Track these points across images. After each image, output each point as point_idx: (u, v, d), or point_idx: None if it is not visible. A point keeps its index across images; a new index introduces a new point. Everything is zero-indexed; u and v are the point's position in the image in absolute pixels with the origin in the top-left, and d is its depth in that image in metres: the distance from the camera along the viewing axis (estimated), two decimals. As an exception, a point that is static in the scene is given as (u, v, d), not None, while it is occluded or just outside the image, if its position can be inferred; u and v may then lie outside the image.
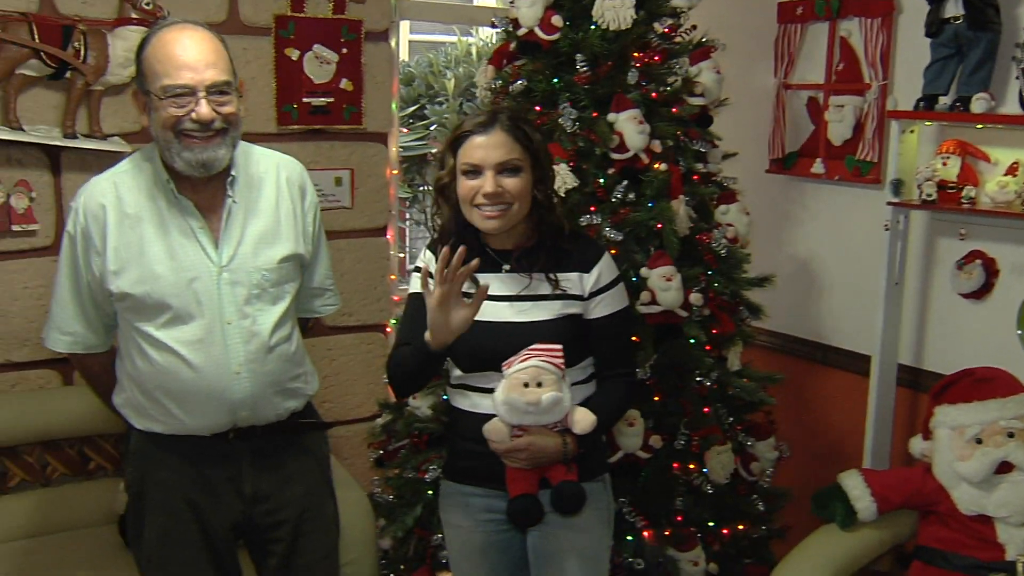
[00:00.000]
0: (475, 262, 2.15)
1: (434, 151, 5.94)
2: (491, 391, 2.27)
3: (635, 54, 2.91)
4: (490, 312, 2.29)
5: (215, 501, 2.32)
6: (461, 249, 2.11)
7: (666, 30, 3.02)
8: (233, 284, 2.26)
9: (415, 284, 2.42)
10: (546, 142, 2.35)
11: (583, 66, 2.88)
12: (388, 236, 3.80)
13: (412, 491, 3.15)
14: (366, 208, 3.71)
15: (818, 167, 3.50)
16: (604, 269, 2.34)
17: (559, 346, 2.23)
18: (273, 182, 2.38)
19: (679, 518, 2.93)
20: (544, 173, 2.32)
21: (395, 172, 3.79)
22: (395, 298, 3.84)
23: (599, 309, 2.34)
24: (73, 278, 2.31)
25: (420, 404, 3.16)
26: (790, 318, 3.65)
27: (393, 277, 3.83)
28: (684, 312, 2.84)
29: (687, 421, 2.91)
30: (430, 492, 3.06)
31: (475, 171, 2.25)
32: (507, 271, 2.34)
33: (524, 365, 2.21)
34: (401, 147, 4.11)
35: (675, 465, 2.93)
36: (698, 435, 2.91)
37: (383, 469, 3.32)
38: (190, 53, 2.17)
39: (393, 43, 3.71)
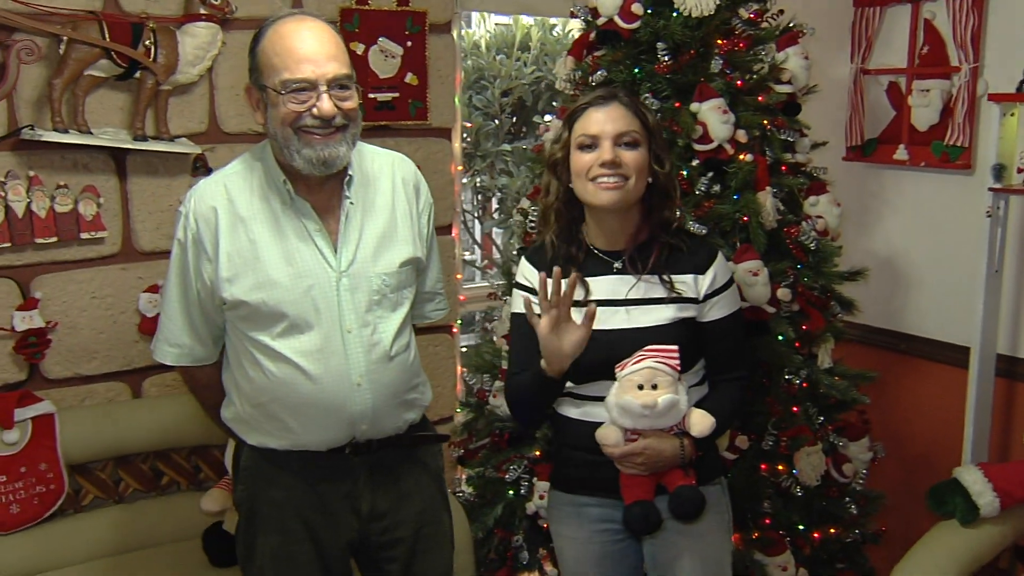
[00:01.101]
0: (574, 276, 2.10)
1: None
2: (603, 399, 2.19)
3: (719, 41, 2.81)
4: (601, 319, 2.20)
5: (330, 519, 2.22)
6: (558, 272, 2.07)
7: (752, 16, 2.92)
8: (353, 290, 2.16)
9: (517, 303, 2.34)
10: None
11: (664, 55, 2.80)
12: (453, 234, 3.69)
13: (493, 491, 3.09)
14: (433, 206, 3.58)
15: (901, 153, 3.42)
16: (719, 270, 2.27)
17: (675, 347, 2.15)
18: (388, 182, 2.28)
19: (767, 521, 2.84)
20: (661, 154, 2.23)
21: (459, 168, 3.68)
22: (461, 297, 3.74)
23: (714, 312, 2.26)
24: (182, 287, 2.20)
25: (501, 403, 3.08)
26: (880, 311, 3.55)
27: (459, 276, 3.73)
28: (772, 308, 2.75)
29: (775, 421, 2.82)
30: (511, 492, 3.01)
31: (592, 143, 2.18)
32: (618, 270, 2.25)
33: (639, 367, 2.13)
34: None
35: (763, 466, 2.84)
36: (787, 435, 2.82)
37: (464, 467, 3.27)
38: (310, 46, 2.06)
39: (455, 35, 3.59)
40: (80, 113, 2.83)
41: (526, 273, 2.35)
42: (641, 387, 2.12)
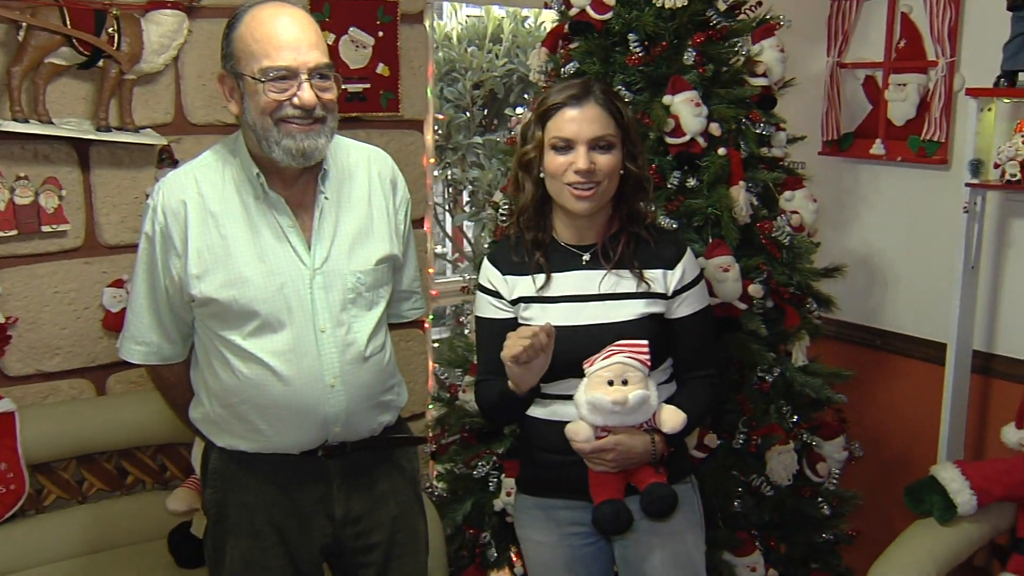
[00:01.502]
0: (549, 327, 2.07)
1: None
2: (571, 398, 2.14)
3: (695, 33, 2.77)
4: (568, 315, 2.18)
5: (303, 524, 2.16)
6: (548, 327, 2.06)
7: (728, 7, 2.89)
8: (327, 288, 2.10)
9: (482, 306, 2.30)
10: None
11: (636, 46, 2.76)
12: (426, 228, 3.63)
13: (462, 487, 3.05)
14: (404, 199, 3.53)
15: (878, 148, 3.40)
16: (688, 266, 2.22)
17: (645, 342, 2.10)
18: (365, 176, 2.22)
19: (735, 520, 2.81)
20: (635, 150, 2.19)
21: (432, 161, 3.62)
22: (433, 292, 3.68)
23: (683, 308, 2.22)
24: (150, 283, 2.12)
25: (471, 398, 3.02)
26: (856, 307, 3.53)
27: (431, 271, 3.67)
28: (743, 305, 2.71)
29: (746, 419, 2.79)
30: (482, 489, 2.97)
31: (566, 146, 2.13)
32: (586, 263, 2.21)
33: (609, 362, 2.09)
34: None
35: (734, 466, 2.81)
36: (758, 434, 2.78)
37: (436, 464, 3.24)
38: (292, 32, 1.99)
39: (428, 25, 3.52)
40: (41, 102, 2.74)
41: (489, 276, 2.29)
42: (611, 383, 2.07)
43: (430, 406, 3.50)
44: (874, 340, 3.51)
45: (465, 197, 5.48)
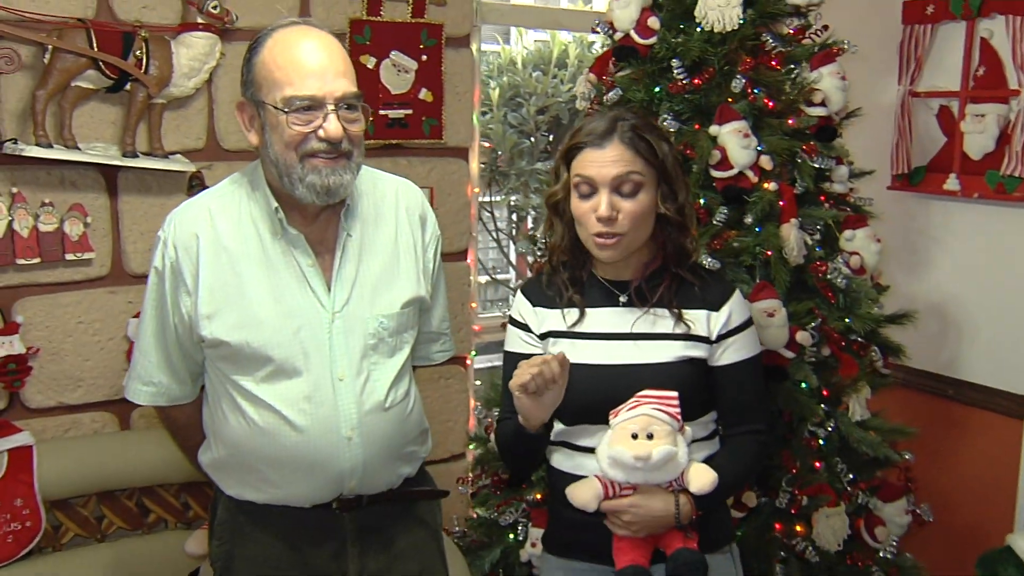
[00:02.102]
0: (562, 356, 1.92)
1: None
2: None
3: (746, 59, 2.59)
4: (600, 353, 2.01)
5: None
6: (561, 356, 1.92)
7: (793, 31, 2.70)
8: (347, 333, 1.96)
9: (511, 339, 2.15)
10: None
11: (680, 73, 2.59)
12: (469, 260, 3.48)
13: (491, 533, 2.91)
14: (446, 230, 3.35)
15: (952, 183, 3.17)
16: (735, 309, 2.04)
17: (674, 393, 1.91)
18: (392, 212, 2.08)
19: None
20: (672, 188, 2.00)
21: (476, 191, 3.47)
22: (476, 328, 3.53)
23: (728, 355, 2.03)
24: (159, 320, 2.01)
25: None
26: (926, 353, 3.28)
27: (474, 305, 3.51)
28: (790, 353, 2.51)
29: (791, 477, 2.57)
30: (511, 536, 2.85)
31: (590, 190, 1.97)
32: (623, 304, 2.04)
33: (633, 413, 1.90)
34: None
35: (777, 526, 2.58)
36: (804, 493, 2.56)
37: (475, 508, 3.10)
38: (318, 59, 1.86)
39: (474, 49, 3.38)
40: (67, 127, 2.65)
41: (520, 308, 2.15)
42: (635, 436, 1.88)
43: (471, 446, 3.35)
44: (946, 390, 3.26)
45: (529, 223, 5.43)
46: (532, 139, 5.08)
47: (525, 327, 2.13)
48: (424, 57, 3.22)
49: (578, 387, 1.98)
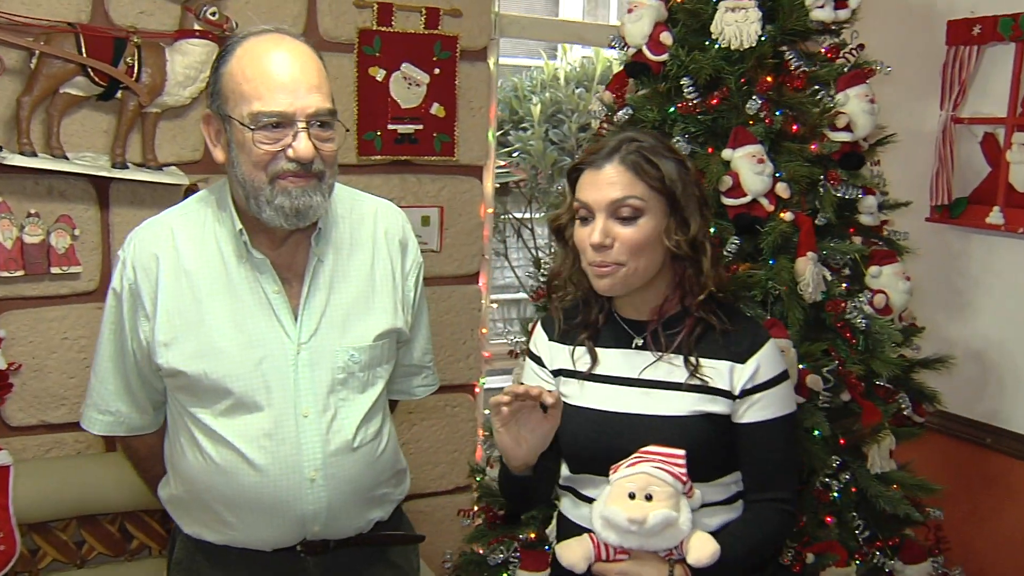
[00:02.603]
0: (537, 390, 1.74)
1: (516, 179, 5.61)
2: None
3: (767, 78, 2.41)
4: (606, 398, 1.84)
5: None
6: (555, 395, 1.77)
7: (824, 50, 2.51)
8: (313, 366, 1.82)
9: (526, 373, 2.01)
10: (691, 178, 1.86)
11: (691, 92, 2.44)
12: (480, 284, 3.33)
13: (479, 571, 2.74)
14: (456, 252, 3.25)
15: (996, 217, 2.95)
16: (765, 361, 1.82)
17: (681, 452, 1.72)
18: (369, 235, 1.93)
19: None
20: (683, 217, 1.80)
21: (490, 211, 3.32)
22: (486, 354, 3.37)
23: (753, 413, 1.82)
24: (117, 345, 1.88)
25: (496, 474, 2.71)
26: (963, 398, 3.04)
27: (485, 331, 3.36)
28: (800, 397, 2.28)
29: (797, 531, 2.33)
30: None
31: (588, 215, 1.80)
32: (638, 347, 1.86)
33: (633, 471, 1.72)
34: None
35: None
36: (809, 551, 2.33)
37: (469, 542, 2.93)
38: (289, 71, 1.72)
39: (492, 63, 3.24)
40: (55, 135, 2.56)
41: (536, 339, 2.00)
42: (632, 496, 1.70)
43: (478, 478, 3.19)
44: (984, 438, 3.02)
45: None
46: (573, 156, 4.95)
47: (539, 361, 1.98)
48: (437, 70, 3.09)
49: (581, 433, 1.83)
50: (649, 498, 1.69)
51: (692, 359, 1.81)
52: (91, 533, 2.76)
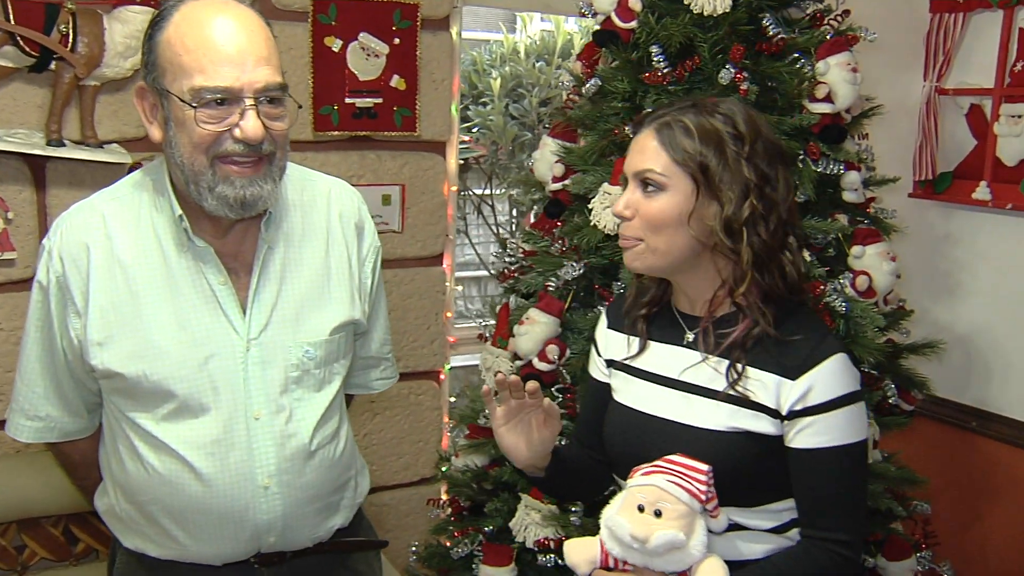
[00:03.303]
0: (533, 385, 1.63)
1: (476, 155, 5.49)
2: None
3: (738, 46, 2.28)
4: (646, 397, 1.70)
5: None
6: (530, 385, 1.63)
7: (807, 17, 2.39)
8: (264, 364, 1.67)
9: (590, 361, 1.87)
10: (742, 155, 1.61)
11: (660, 61, 2.31)
12: (445, 265, 3.17)
13: (442, 565, 2.66)
14: (419, 232, 3.09)
15: (982, 192, 2.88)
16: (821, 380, 1.58)
17: (705, 467, 1.55)
18: (323, 220, 1.78)
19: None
20: (717, 199, 1.59)
21: (454, 189, 3.16)
22: (451, 339, 3.23)
23: (803, 438, 1.58)
24: (44, 344, 1.71)
25: (464, 461, 2.67)
26: (948, 381, 2.95)
27: (450, 314, 3.21)
28: None
29: None
30: (465, 571, 2.59)
31: (626, 180, 1.66)
32: (687, 343, 1.68)
33: (645, 480, 1.55)
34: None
35: None
36: None
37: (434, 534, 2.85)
38: (234, 42, 1.55)
39: (455, 33, 3.07)
40: (-17, 110, 2.36)
41: (599, 327, 1.86)
42: (641, 509, 1.54)
43: (444, 469, 3.06)
44: (969, 421, 2.93)
45: (530, 218, 5.13)
46: (534, 131, 4.83)
47: (596, 348, 1.86)
48: (397, 40, 2.91)
49: (616, 432, 1.73)
50: (658, 514, 1.53)
51: (737, 367, 1.61)
52: (33, 537, 2.59)
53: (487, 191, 5.51)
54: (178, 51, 1.55)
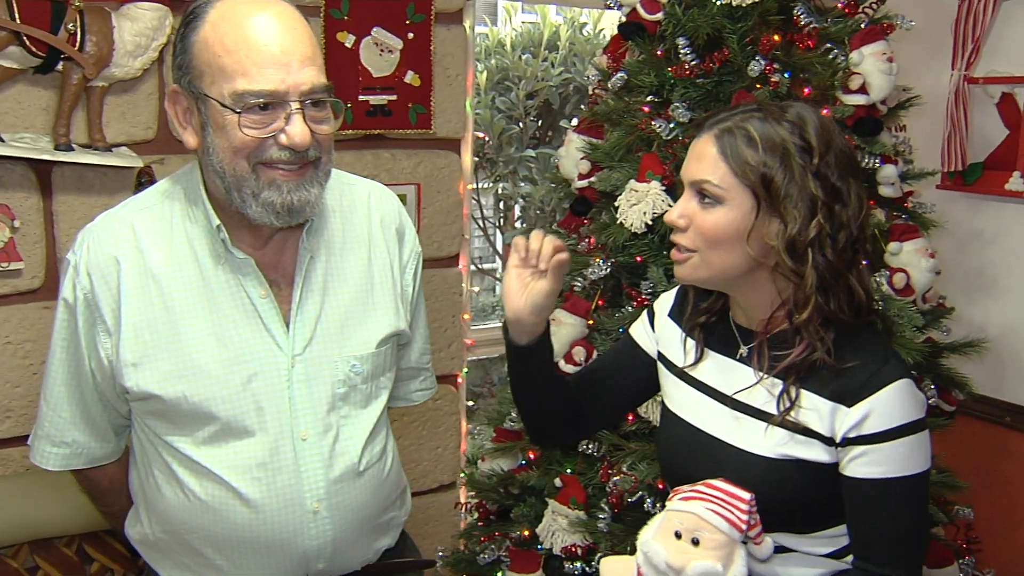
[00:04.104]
0: (564, 256, 1.59)
1: None
2: None
3: (774, 37, 2.22)
4: (696, 409, 1.62)
5: None
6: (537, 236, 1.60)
7: (841, 5, 2.32)
8: (309, 382, 1.59)
9: (637, 322, 1.79)
10: (809, 167, 1.50)
11: (687, 53, 2.25)
12: (461, 266, 3.09)
13: (465, 569, 2.62)
14: (435, 232, 3.00)
15: (1016, 183, 2.82)
16: (880, 408, 1.47)
17: (747, 496, 1.46)
18: (364, 226, 1.70)
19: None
20: (780, 215, 1.49)
21: (470, 187, 3.07)
22: (468, 342, 3.14)
23: (857, 467, 1.48)
24: (71, 366, 1.62)
25: (490, 465, 2.61)
26: (984, 376, 2.86)
27: (467, 316, 3.12)
28: None
29: None
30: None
31: (682, 187, 1.57)
32: (741, 358, 1.59)
33: (684, 506, 1.48)
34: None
35: None
36: None
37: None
38: (278, 41, 1.46)
39: (468, 27, 2.98)
40: (-13, 114, 2.25)
41: (662, 304, 1.77)
42: (679, 536, 1.47)
43: (462, 474, 2.99)
44: (1003, 417, 2.87)
45: (516, 212, 5.28)
46: (521, 125, 4.89)
47: (652, 322, 1.76)
48: (411, 35, 2.83)
49: (668, 443, 1.65)
50: (696, 543, 1.45)
51: (791, 392, 1.51)
52: (45, 558, 2.47)
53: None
54: (217, 52, 1.46)
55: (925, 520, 1.59)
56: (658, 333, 1.75)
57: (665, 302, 1.76)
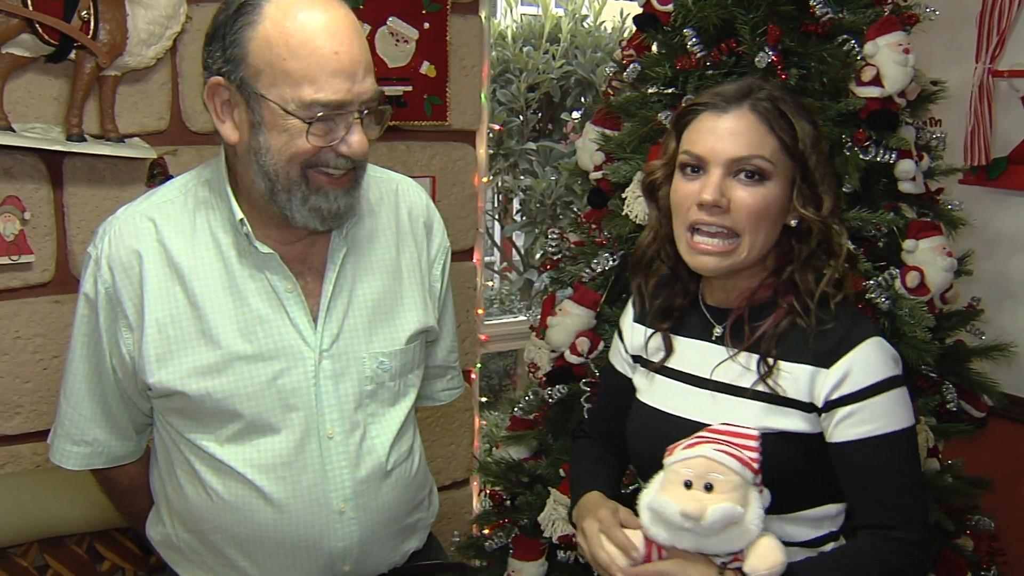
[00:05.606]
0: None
1: None
2: None
3: (775, 28, 2.18)
4: (670, 397, 1.59)
5: None
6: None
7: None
8: (337, 378, 1.55)
9: (613, 348, 1.77)
10: (819, 143, 1.54)
11: (695, 45, 2.20)
12: (475, 260, 3.04)
13: (474, 556, 2.59)
14: (450, 226, 2.84)
15: (1043, 178, 2.76)
16: (859, 364, 1.48)
17: (755, 432, 1.44)
18: (391, 220, 1.66)
19: None
20: (815, 192, 1.50)
21: (485, 180, 3.03)
22: (482, 337, 3.10)
23: (843, 430, 1.48)
24: (92, 362, 1.58)
25: (502, 453, 2.57)
26: (1010, 380, 2.81)
27: (481, 312, 3.09)
28: None
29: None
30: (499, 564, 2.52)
31: (698, 166, 1.50)
32: (716, 338, 1.58)
33: (689, 454, 1.43)
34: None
35: None
36: None
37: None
38: (347, 49, 1.43)
39: (484, 16, 2.95)
40: (-1, 103, 2.20)
41: (624, 315, 1.76)
42: (689, 485, 1.41)
43: (475, 472, 2.96)
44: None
45: (516, 206, 5.24)
46: (522, 117, 4.85)
47: (621, 337, 1.75)
48: (426, 25, 2.79)
49: (640, 434, 1.62)
50: (709, 488, 1.40)
51: (768, 360, 1.51)
52: (55, 557, 2.45)
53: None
54: (281, 54, 1.41)
55: (920, 477, 1.58)
56: (630, 343, 1.73)
57: (627, 313, 1.75)
